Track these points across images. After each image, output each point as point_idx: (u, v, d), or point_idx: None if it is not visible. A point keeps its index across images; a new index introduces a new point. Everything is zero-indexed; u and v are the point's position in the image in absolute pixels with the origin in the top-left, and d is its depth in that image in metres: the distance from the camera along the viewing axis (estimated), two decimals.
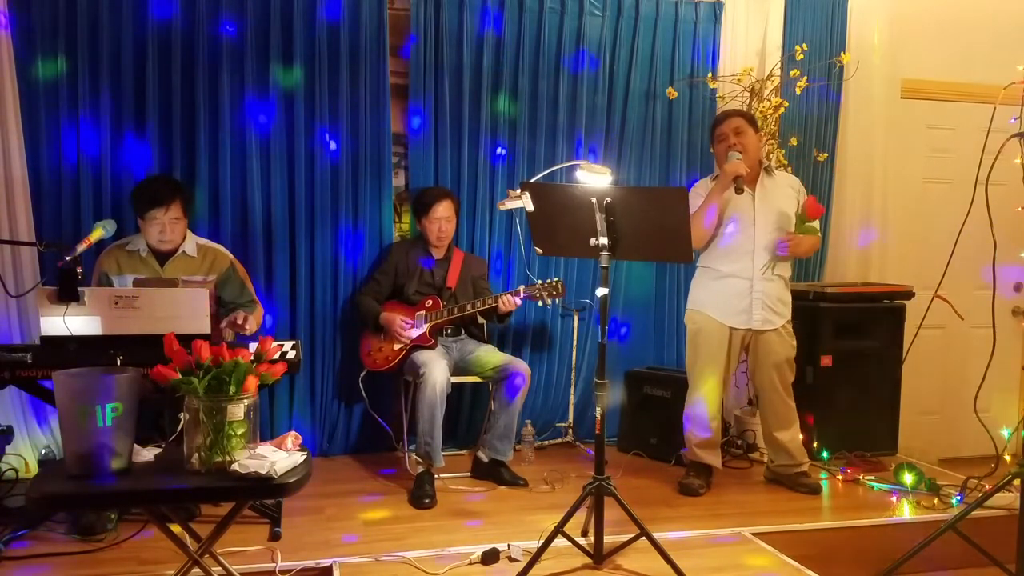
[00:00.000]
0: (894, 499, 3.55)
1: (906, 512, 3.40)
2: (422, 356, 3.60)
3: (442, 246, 3.91)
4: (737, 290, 3.54)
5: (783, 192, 3.60)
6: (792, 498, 3.55)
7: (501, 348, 4.02)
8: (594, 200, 2.68)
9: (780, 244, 3.50)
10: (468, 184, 4.15)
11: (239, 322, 3.23)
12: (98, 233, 2.91)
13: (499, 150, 4.20)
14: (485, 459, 3.71)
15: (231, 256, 3.52)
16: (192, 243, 3.40)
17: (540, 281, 3.70)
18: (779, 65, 4.39)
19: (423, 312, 3.75)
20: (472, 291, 3.91)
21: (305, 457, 2.27)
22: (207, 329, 2.82)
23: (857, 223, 4.63)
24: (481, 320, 3.93)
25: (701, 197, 3.51)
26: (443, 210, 3.82)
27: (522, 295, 3.68)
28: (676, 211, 2.70)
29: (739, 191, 3.38)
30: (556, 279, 3.70)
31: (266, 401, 3.88)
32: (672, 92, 4.31)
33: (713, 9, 4.41)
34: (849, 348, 4.09)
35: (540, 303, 3.72)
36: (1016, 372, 4.73)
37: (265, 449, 2.21)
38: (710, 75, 4.37)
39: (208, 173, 3.79)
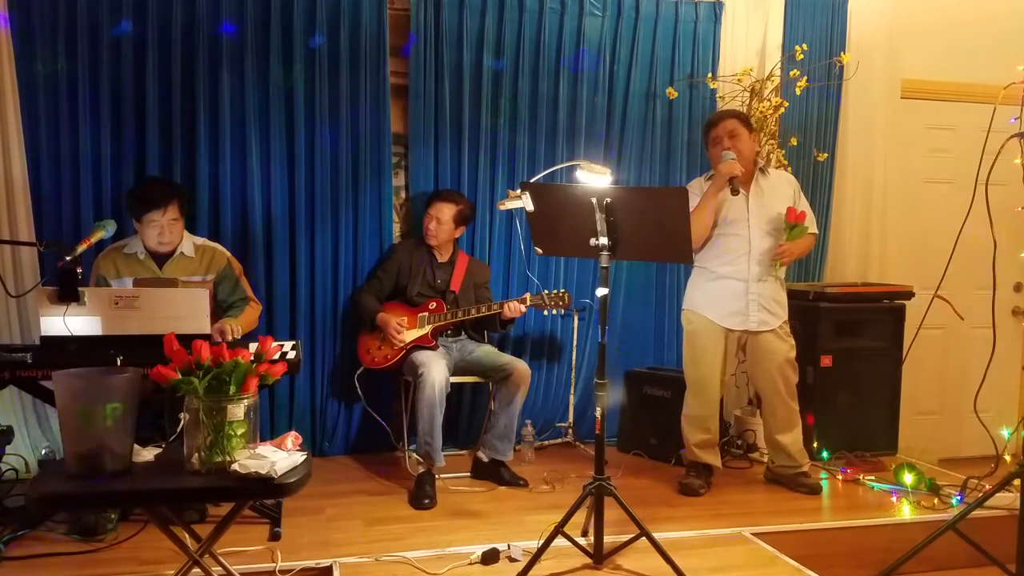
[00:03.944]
0: (894, 499, 3.55)
1: (906, 512, 3.40)
2: (421, 356, 3.60)
3: (436, 244, 3.90)
4: (733, 291, 3.54)
5: (779, 192, 3.60)
6: (792, 498, 3.55)
7: (501, 348, 4.02)
8: (594, 200, 2.68)
9: (776, 255, 3.51)
10: (468, 184, 4.15)
11: (225, 338, 3.16)
12: (99, 233, 2.91)
13: (499, 150, 4.20)
14: (485, 459, 3.71)
15: (228, 254, 3.51)
16: (189, 243, 3.39)
17: (547, 291, 3.70)
18: (779, 65, 4.39)
19: (426, 314, 3.75)
20: (474, 298, 3.91)
21: (305, 457, 2.27)
22: (207, 329, 2.83)
23: (857, 223, 4.63)
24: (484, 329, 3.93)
25: (696, 196, 3.50)
26: (438, 210, 3.82)
27: (528, 303, 3.68)
28: (676, 211, 2.70)
29: (734, 192, 3.38)
30: (563, 290, 3.70)
31: (266, 401, 3.88)
32: (672, 92, 4.31)
33: (713, 9, 4.41)
34: (849, 348, 4.09)
35: (545, 312, 3.72)
36: (1016, 372, 4.73)
37: (265, 449, 2.20)
38: (710, 75, 4.37)
39: (208, 173, 3.78)
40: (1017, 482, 2.94)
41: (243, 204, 3.85)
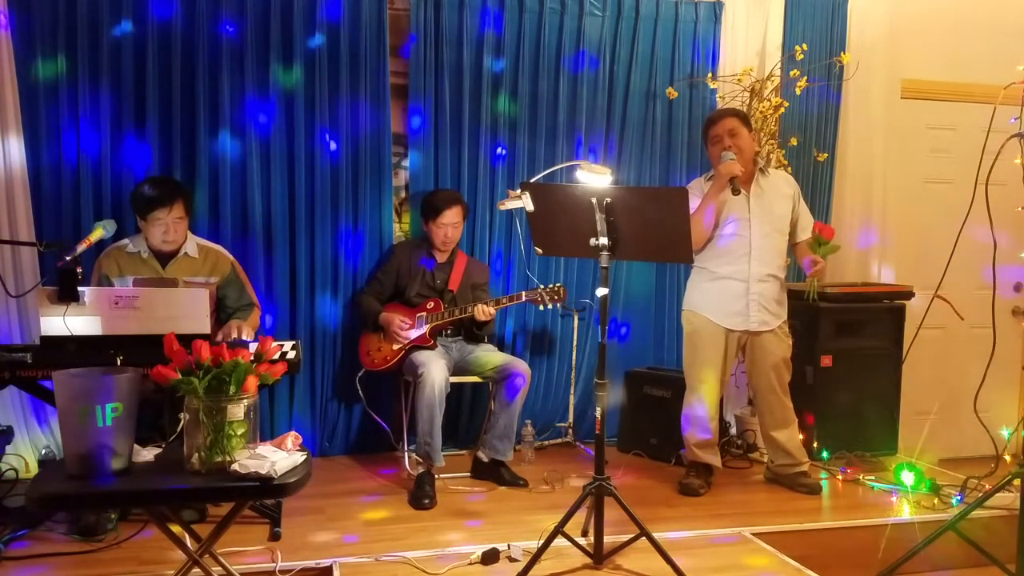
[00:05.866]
0: (894, 499, 3.55)
1: (906, 512, 3.40)
2: (421, 356, 3.60)
3: (447, 250, 3.91)
4: (734, 292, 3.54)
5: (779, 192, 3.60)
6: (792, 498, 3.56)
7: (501, 348, 4.02)
8: (594, 200, 2.68)
9: (807, 266, 3.56)
10: (468, 184, 4.15)
11: (239, 337, 3.17)
12: (98, 233, 2.91)
13: (499, 150, 4.20)
14: (485, 459, 3.71)
15: (232, 258, 3.50)
16: (193, 244, 3.39)
17: (543, 286, 3.70)
18: (779, 65, 4.39)
19: (424, 313, 3.75)
20: (471, 298, 3.90)
21: (305, 457, 2.27)
22: (207, 329, 2.82)
23: (857, 223, 4.63)
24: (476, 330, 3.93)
25: (696, 197, 3.50)
26: (452, 216, 3.82)
27: (524, 298, 3.69)
28: (676, 211, 2.70)
29: (735, 192, 3.39)
30: (559, 284, 3.70)
31: (266, 401, 3.88)
32: (672, 92, 4.31)
33: (713, 9, 4.41)
34: (849, 348, 4.09)
35: (541, 307, 3.72)
36: (1016, 372, 4.73)
37: (265, 449, 2.20)
38: (710, 75, 4.37)
39: (208, 173, 3.78)
40: (1017, 482, 2.94)
41: (243, 204, 3.85)
